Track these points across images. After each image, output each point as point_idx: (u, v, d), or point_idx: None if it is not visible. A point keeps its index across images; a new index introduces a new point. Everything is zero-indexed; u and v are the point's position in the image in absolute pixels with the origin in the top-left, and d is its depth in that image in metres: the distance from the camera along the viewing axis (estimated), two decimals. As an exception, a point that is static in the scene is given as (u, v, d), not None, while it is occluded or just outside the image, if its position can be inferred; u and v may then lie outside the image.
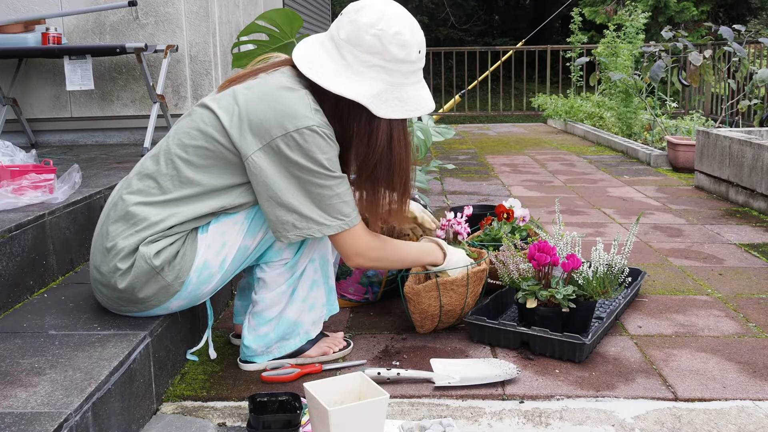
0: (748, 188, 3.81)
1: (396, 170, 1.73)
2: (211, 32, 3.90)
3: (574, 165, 5.59)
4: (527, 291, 1.96)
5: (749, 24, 11.41)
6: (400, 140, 1.72)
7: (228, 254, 1.70)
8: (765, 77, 5.37)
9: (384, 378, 1.75)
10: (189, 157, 1.65)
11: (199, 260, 1.67)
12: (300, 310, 1.83)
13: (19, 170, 2.22)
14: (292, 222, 1.64)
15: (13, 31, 3.53)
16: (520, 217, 2.53)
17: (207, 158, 1.65)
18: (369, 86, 1.64)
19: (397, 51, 1.64)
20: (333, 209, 1.66)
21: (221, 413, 1.65)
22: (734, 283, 2.56)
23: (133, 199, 1.66)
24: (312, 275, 1.82)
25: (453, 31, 15.33)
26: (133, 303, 1.68)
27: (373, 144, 1.69)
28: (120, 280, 1.64)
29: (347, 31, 1.65)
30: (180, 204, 1.65)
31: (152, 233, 1.63)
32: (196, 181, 1.65)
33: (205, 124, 1.66)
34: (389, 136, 1.70)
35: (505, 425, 1.59)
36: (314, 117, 1.62)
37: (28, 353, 1.50)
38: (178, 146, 1.67)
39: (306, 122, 1.60)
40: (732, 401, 1.69)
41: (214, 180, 1.65)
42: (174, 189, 1.65)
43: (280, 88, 1.65)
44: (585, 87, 9.51)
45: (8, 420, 1.21)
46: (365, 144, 1.70)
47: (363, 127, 1.69)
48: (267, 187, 1.62)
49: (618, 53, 7.28)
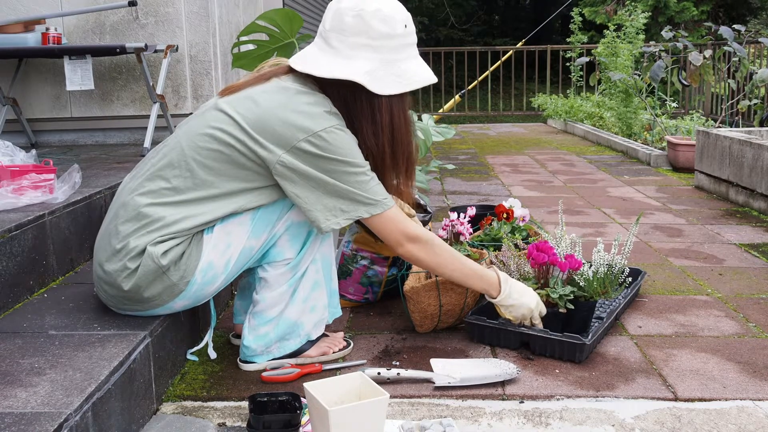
0: (748, 188, 3.81)
1: (399, 149, 1.76)
2: (211, 32, 3.90)
3: (574, 165, 5.59)
4: None
5: (749, 24, 11.41)
6: (401, 118, 1.73)
7: (233, 255, 1.70)
8: (765, 77, 5.37)
9: (384, 378, 1.75)
10: (204, 160, 1.65)
11: (204, 260, 1.67)
12: (301, 311, 1.82)
13: (19, 170, 2.22)
14: (340, 207, 1.67)
15: (13, 31, 3.53)
16: (520, 217, 2.53)
17: (222, 162, 1.65)
18: (361, 66, 1.66)
19: (380, 26, 1.66)
20: (373, 191, 1.68)
21: (221, 413, 1.65)
22: (734, 283, 2.56)
23: (145, 200, 1.66)
24: (314, 276, 1.82)
25: (453, 31, 15.33)
26: (137, 302, 1.68)
27: (377, 125, 1.71)
28: (126, 281, 1.64)
29: (330, 20, 1.69)
30: (196, 205, 1.65)
31: (165, 234, 1.63)
32: (210, 182, 1.65)
33: (221, 128, 1.66)
34: (390, 114, 1.71)
35: (505, 425, 1.59)
36: (332, 118, 1.65)
37: (28, 353, 1.50)
38: (191, 148, 1.67)
39: (328, 123, 1.63)
40: (732, 401, 1.69)
41: (229, 183, 1.66)
42: (188, 190, 1.65)
43: (297, 93, 1.67)
44: (585, 87, 9.51)
45: (8, 420, 1.21)
46: (369, 125, 1.71)
47: (365, 109, 1.71)
48: (308, 179, 1.64)
49: (618, 53, 7.28)
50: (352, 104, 1.71)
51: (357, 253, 2.30)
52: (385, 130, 1.72)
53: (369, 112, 1.71)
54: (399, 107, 1.73)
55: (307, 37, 2.67)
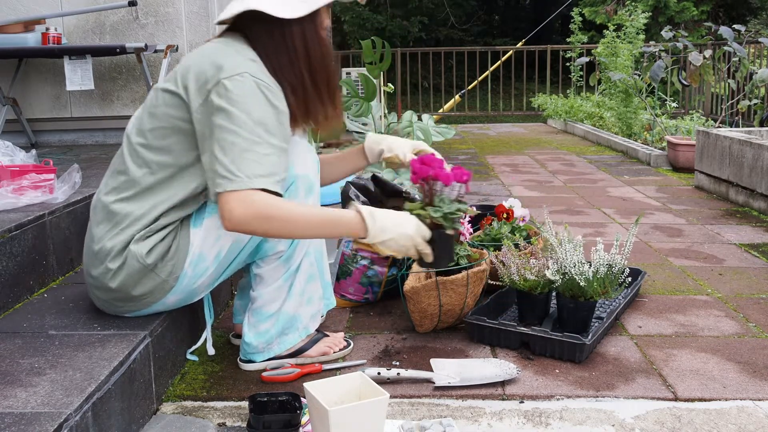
0: (748, 188, 3.81)
1: (318, 77, 1.70)
2: (211, 32, 3.90)
3: (574, 165, 5.59)
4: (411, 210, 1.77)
5: (749, 24, 11.40)
6: (315, 43, 1.68)
7: (223, 246, 1.70)
8: (765, 77, 5.37)
9: (384, 378, 1.75)
10: (149, 141, 1.65)
11: (194, 253, 1.67)
12: (298, 304, 1.83)
13: (19, 170, 2.23)
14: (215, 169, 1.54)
15: (13, 31, 3.54)
16: (520, 217, 2.53)
17: (166, 137, 1.64)
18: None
19: None
20: (244, 163, 1.53)
21: (221, 413, 1.65)
22: (734, 283, 2.56)
23: (110, 198, 1.66)
24: (308, 269, 1.83)
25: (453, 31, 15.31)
26: (128, 301, 1.68)
27: (291, 52, 1.65)
28: (112, 281, 1.65)
29: None
30: (156, 192, 1.64)
31: (139, 228, 1.63)
32: (163, 163, 1.64)
33: (155, 104, 1.66)
34: (303, 40, 1.66)
35: (505, 425, 1.59)
36: (249, 66, 1.59)
37: (28, 353, 1.50)
38: (136, 134, 1.68)
39: (237, 69, 1.57)
40: (732, 401, 1.69)
41: (179, 157, 1.64)
42: (145, 178, 1.65)
43: (219, 43, 1.65)
44: (585, 87, 9.51)
45: (8, 420, 1.21)
46: (285, 56, 1.65)
47: (278, 40, 1.65)
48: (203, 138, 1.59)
49: (618, 53, 7.29)
50: (268, 42, 1.65)
51: (357, 253, 2.30)
52: (300, 56, 1.66)
53: (282, 42, 1.65)
54: (312, 33, 1.67)
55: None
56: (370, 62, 2.81)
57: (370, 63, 2.82)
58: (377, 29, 14.17)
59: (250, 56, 1.62)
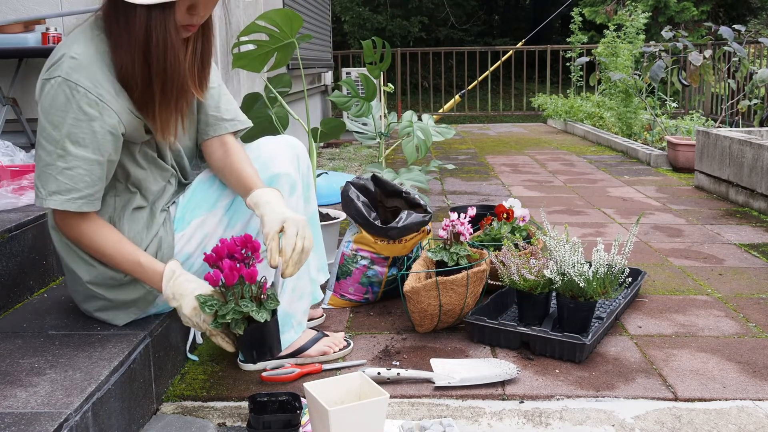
0: (748, 188, 3.81)
1: (153, 65, 1.50)
2: (211, 32, 3.90)
3: (574, 165, 5.59)
4: None
5: (749, 24, 11.41)
6: (159, 36, 1.47)
7: (208, 245, 1.72)
8: (765, 77, 5.37)
9: (384, 378, 1.76)
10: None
11: (180, 254, 1.69)
12: (290, 300, 1.85)
13: (19, 170, 2.23)
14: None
15: (13, 31, 3.54)
16: (520, 217, 2.53)
17: None
18: None
19: None
20: (45, 178, 1.48)
21: (221, 413, 1.65)
22: (734, 283, 2.56)
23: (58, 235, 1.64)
24: None
25: (453, 31, 15.32)
26: (121, 309, 1.67)
27: (130, 35, 1.47)
28: (91, 301, 1.66)
29: None
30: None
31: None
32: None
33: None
34: (146, 27, 1.46)
35: (505, 425, 1.59)
36: (70, 63, 1.46)
37: (28, 353, 1.50)
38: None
39: (55, 71, 1.47)
40: (732, 401, 1.69)
41: None
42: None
43: (80, 28, 1.54)
44: (585, 87, 9.52)
45: (8, 420, 1.21)
46: (124, 39, 1.48)
47: (121, 23, 1.47)
48: None
49: (618, 53, 7.29)
50: (113, 27, 1.49)
51: (357, 253, 2.30)
52: (138, 44, 1.47)
53: (124, 25, 1.47)
54: (160, 23, 1.47)
55: (307, 37, 2.67)
56: (371, 62, 2.82)
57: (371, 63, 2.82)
58: (377, 29, 14.18)
59: (96, 42, 1.50)
